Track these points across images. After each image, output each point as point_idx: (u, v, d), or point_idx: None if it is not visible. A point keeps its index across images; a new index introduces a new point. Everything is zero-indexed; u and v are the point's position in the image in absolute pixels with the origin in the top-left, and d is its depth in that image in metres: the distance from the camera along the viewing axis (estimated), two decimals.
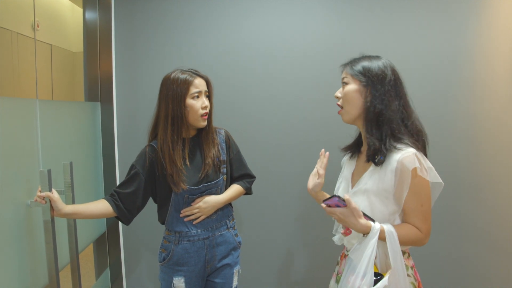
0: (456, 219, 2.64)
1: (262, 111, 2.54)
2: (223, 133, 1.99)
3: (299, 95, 2.54)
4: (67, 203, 1.63)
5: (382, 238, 1.41)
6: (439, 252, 2.65)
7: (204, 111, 1.81)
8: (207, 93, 1.85)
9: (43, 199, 1.52)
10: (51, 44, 2.42)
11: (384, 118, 1.45)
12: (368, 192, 1.48)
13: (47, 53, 2.44)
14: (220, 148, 1.94)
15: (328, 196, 1.63)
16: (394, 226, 1.44)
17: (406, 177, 1.40)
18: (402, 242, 1.43)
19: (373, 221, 1.43)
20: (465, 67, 2.56)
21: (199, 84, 1.79)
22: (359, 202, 1.50)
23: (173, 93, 1.77)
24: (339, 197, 1.38)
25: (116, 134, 2.43)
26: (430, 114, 2.58)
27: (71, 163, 1.71)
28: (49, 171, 1.52)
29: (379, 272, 1.44)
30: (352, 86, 1.51)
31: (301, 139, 2.57)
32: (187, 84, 1.77)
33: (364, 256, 1.39)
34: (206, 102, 1.82)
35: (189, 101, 1.78)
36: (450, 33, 2.54)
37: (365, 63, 1.50)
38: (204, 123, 1.84)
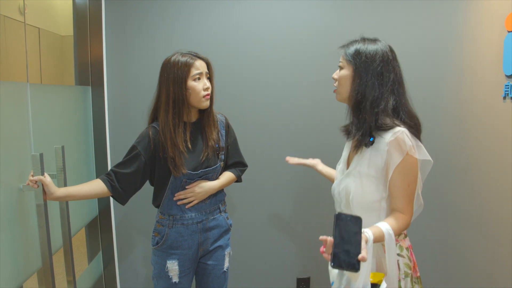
0: (444, 202, 2.69)
1: (254, 95, 2.54)
2: (224, 120, 2.00)
3: (292, 79, 2.55)
4: (59, 187, 1.62)
5: (380, 241, 1.38)
6: (427, 235, 2.71)
7: (206, 92, 1.81)
8: (208, 75, 1.85)
9: (35, 183, 1.52)
10: (39, 28, 2.38)
11: (367, 105, 1.46)
12: (360, 173, 1.50)
13: (35, 36, 2.41)
14: (220, 134, 1.94)
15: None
16: (387, 221, 1.41)
17: (395, 156, 1.41)
18: (397, 234, 1.45)
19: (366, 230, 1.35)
20: (454, 52, 2.59)
21: (199, 66, 1.79)
22: (351, 183, 1.52)
23: (174, 76, 1.76)
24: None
25: (107, 117, 2.42)
26: (420, 99, 2.60)
27: (62, 147, 1.70)
28: (41, 155, 1.51)
29: (374, 276, 1.42)
30: (345, 71, 1.53)
31: (293, 123, 2.58)
32: (188, 66, 1.76)
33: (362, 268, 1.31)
34: (208, 84, 1.82)
35: (191, 83, 1.77)
36: (440, 18, 2.56)
37: (359, 47, 1.51)
38: (207, 103, 1.84)
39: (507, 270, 2.33)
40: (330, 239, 1.23)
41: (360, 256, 1.19)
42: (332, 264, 1.20)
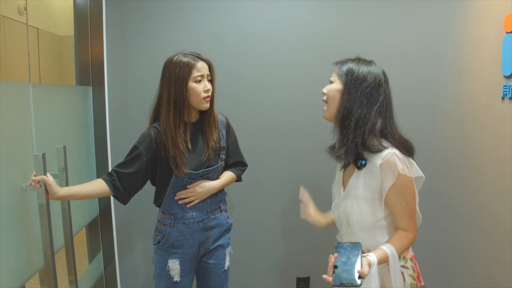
0: (443, 202, 2.71)
1: (254, 95, 2.56)
2: (224, 120, 2.01)
3: (292, 80, 2.56)
4: (61, 186, 1.63)
5: (384, 262, 1.41)
6: (424, 235, 2.72)
7: (206, 94, 1.81)
8: (209, 77, 1.85)
9: (37, 182, 1.52)
10: (38, 28, 2.39)
11: (352, 121, 1.46)
12: (357, 196, 1.51)
13: (34, 37, 2.41)
14: (220, 134, 1.95)
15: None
16: (391, 242, 1.43)
17: (388, 178, 1.42)
18: (401, 252, 1.47)
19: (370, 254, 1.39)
20: (453, 53, 2.61)
21: (201, 67, 1.80)
22: (349, 205, 1.53)
23: (175, 76, 1.77)
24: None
25: (108, 117, 2.43)
26: (419, 99, 2.62)
27: (64, 147, 1.70)
28: (43, 155, 1.52)
29: None
30: (335, 86, 1.52)
31: (293, 123, 2.59)
32: (189, 67, 1.77)
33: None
34: (209, 86, 1.83)
35: (191, 84, 1.78)
36: (439, 19, 2.58)
37: (353, 66, 1.51)
38: (207, 105, 1.85)
39: (506, 270, 2.34)
40: (331, 262, 1.30)
41: (360, 270, 1.25)
42: (333, 283, 1.26)
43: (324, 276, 1.30)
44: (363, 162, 1.47)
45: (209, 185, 1.91)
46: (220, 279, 2.02)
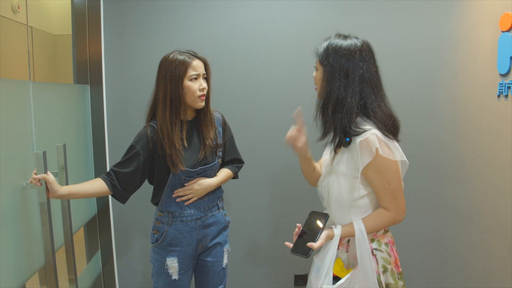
0: (439, 199, 2.73)
1: (250, 93, 2.57)
2: (220, 117, 2.01)
3: (288, 77, 2.57)
4: (61, 184, 1.62)
5: (351, 236, 1.51)
6: (422, 233, 2.74)
7: (201, 93, 1.81)
8: (205, 76, 1.85)
9: (38, 181, 1.51)
10: (32, 27, 2.38)
11: (329, 106, 1.48)
12: (338, 173, 1.53)
13: (28, 35, 2.40)
14: (217, 132, 1.96)
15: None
16: (363, 219, 1.50)
17: (365, 155, 1.43)
18: (374, 230, 1.51)
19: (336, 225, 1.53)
20: (449, 52, 2.63)
21: (197, 66, 1.80)
22: (331, 181, 1.56)
23: (171, 74, 1.77)
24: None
25: (106, 116, 2.42)
26: (415, 98, 2.64)
27: (64, 145, 1.70)
28: (44, 153, 1.51)
29: (345, 267, 1.55)
30: (318, 73, 1.55)
31: (289, 121, 2.59)
32: (185, 65, 1.77)
33: (326, 259, 1.49)
34: (204, 84, 1.83)
35: (187, 82, 1.78)
36: (435, 18, 2.60)
37: (326, 45, 1.51)
38: (202, 104, 1.85)
39: (502, 267, 2.36)
40: (296, 231, 1.51)
41: (309, 244, 1.43)
42: (291, 250, 1.46)
43: (286, 242, 1.50)
44: (347, 139, 1.48)
45: (207, 183, 1.92)
46: (218, 277, 2.02)
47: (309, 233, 1.48)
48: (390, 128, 1.48)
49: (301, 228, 1.52)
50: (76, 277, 1.85)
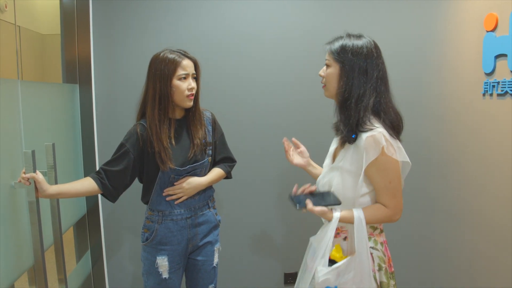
0: (425, 197, 2.76)
1: (242, 92, 2.58)
2: (210, 116, 2.02)
3: (280, 77, 2.59)
4: (50, 184, 1.62)
5: (349, 222, 1.53)
6: (409, 230, 2.77)
7: (190, 92, 1.82)
8: (195, 75, 1.86)
9: (27, 180, 1.51)
10: (20, 26, 2.37)
11: (352, 102, 1.50)
12: (342, 169, 1.55)
13: (16, 34, 2.39)
14: (206, 130, 1.96)
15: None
16: (364, 209, 1.52)
17: (370, 153, 1.46)
18: (371, 221, 1.53)
19: (338, 207, 1.55)
20: (435, 51, 2.67)
21: (186, 65, 1.80)
22: (334, 178, 1.58)
23: (160, 72, 1.77)
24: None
25: (95, 115, 2.42)
26: (402, 97, 2.64)
27: (53, 145, 1.69)
28: (33, 152, 1.51)
29: (344, 255, 1.56)
30: (332, 70, 1.56)
31: (281, 120, 2.62)
32: (174, 64, 1.77)
33: (323, 241, 1.52)
34: (193, 84, 1.83)
35: (176, 81, 1.79)
36: (421, 18, 2.64)
37: (344, 43, 1.54)
38: (190, 103, 1.85)
39: (489, 264, 2.40)
40: (308, 186, 1.61)
41: (307, 200, 1.51)
42: (289, 194, 1.59)
43: (296, 185, 1.62)
44: (353, 136, 1.50)
45: (196, 182, 1.92)
46: (209, 276, 2.03)
47: (316, 198, 1.54)
48: (396, 127, 1.54)
49: (316, 189, 1.61)
50: (66, 277, 1.85)
